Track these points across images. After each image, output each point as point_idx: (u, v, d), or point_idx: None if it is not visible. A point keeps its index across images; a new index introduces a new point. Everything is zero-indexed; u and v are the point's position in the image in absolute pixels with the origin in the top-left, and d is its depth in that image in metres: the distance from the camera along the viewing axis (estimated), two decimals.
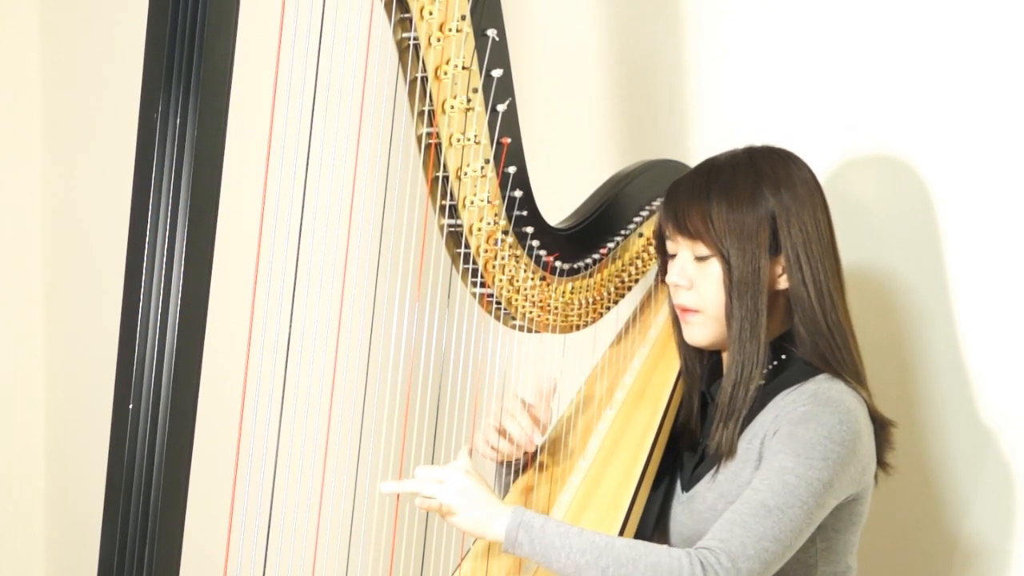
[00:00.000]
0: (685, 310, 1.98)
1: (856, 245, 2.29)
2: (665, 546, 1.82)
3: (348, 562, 2.09)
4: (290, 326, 1.81)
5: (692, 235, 1.94)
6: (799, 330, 1.94)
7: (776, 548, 1.80)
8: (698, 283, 1.95)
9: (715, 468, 1.96)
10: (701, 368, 2.06)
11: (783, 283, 1.95)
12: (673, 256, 1.99)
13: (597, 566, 1.79)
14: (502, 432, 2.07)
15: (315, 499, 1.97)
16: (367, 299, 1.99)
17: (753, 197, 1.92)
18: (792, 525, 1.81)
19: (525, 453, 2.10)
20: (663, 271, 2.03)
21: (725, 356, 2.00)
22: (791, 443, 1.85)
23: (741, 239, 1.91)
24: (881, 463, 1.97)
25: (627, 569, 1.78)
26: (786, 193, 1.92)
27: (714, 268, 1.94)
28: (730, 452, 1.94)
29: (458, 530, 1.89)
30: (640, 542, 1.82)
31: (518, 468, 2.10)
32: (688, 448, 2.06)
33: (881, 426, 1.96)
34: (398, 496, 1.90)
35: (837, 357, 1.94)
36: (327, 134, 1.81)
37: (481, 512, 1.85)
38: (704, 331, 1.97)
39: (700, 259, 1.95)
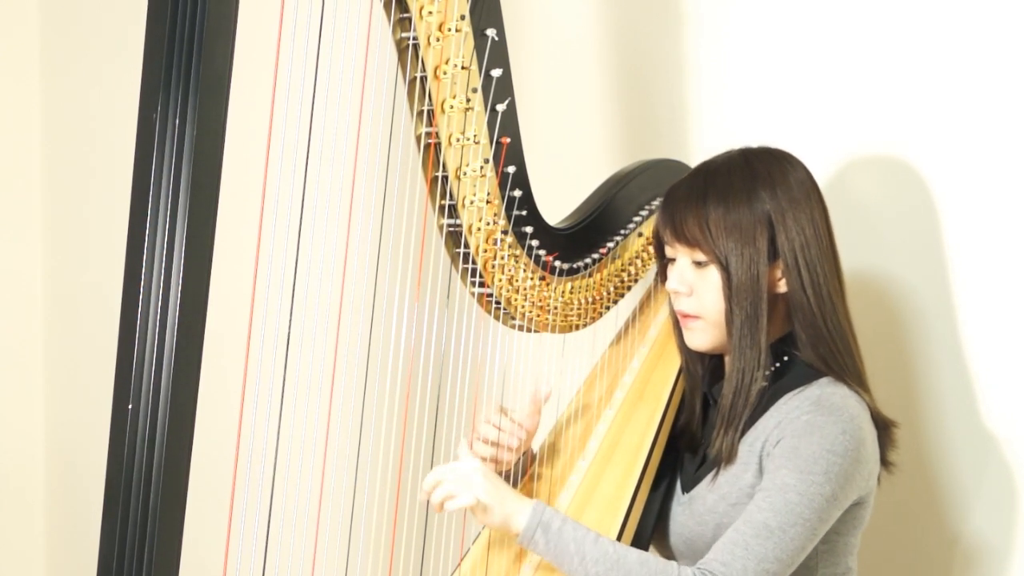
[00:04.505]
0: (685, 316, 1.98)
1: (858, 246, 2.29)
2: (675, 563, 1.83)
3: (348, 560, 2.09)
4: (290, 326, 1.81)
5: (690, 242, 1.93)
6: (799, 334, 1.94)
7: (778, 568, 1.81)
8: (698, 289, 1.95)
9: (715, 471, 1.96)
10: (702, 370, 2.06)
11: (782, 287, 1.94)
12: (672, 261, 1.98)
13: None
14: (487, 442, 2.06)
15: (315, 497, 1.97)
16: (367, 299, 1.99)
17: (749, 200, 1.91)
18: (794, 544, 1.82)
19: (523, 456, 2.10)
20: (663, 275, 2.03)
21: (727, 360, 2.00)
22: (793, 458, 1.85)
23: (739, 245, 1.90)
24: (885, 462, 1.97)
25: None
26: (782, 194, 1.92)
27: (713, 274, 1.93)
28: (730, 458, 1.94)
29: (485, 525, 1.90)
30: (653, 558, 1.84)
31: (515, 474, 2.10)
32: (688, 449, 2.06)
33: (884, 427, 1.95)
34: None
35: (838, 360, 1.93)
36: (326, 133, 1.81)
37: (507, 507, 1.86)
38: (705, 336, 1.97)
39: (699, 265, 1.94)
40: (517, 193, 2.01)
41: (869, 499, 1.94)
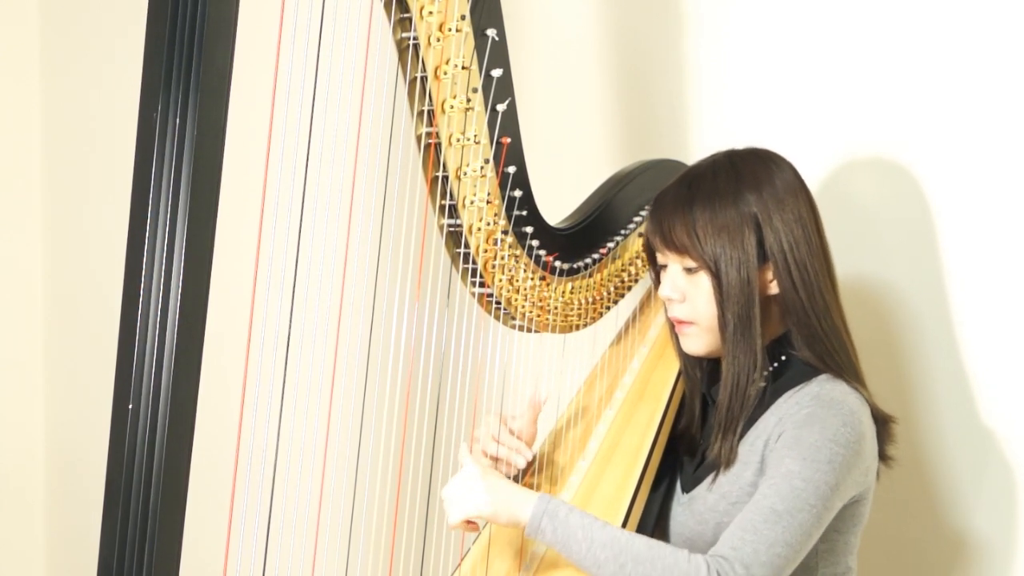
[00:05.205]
0: (680, 322, 1.98)
1: (856, 247, 2.29)
2: (685, 550, 1.82)
3: (348, 562, 2.09)
4: (290, 326, 1.81)
5: (679, 249, 1.93)
6: (795, 333, 1.94)
7: (787, 552, 1.81)
8: (690, 295, 1.95)
9: (715, 472, 1.96)
10: (701, 372, 2.06)
11: (774, 288, 1.94)
12: (664, 267, 1.98)
13: (616, 562, 1.80)
14: (486, 455, 2.06)
15: (315, 498, 1.97)
16: (367, 299, 1.99)
17: (735, 203, 1.91)
18: (802, 529, 1.82)
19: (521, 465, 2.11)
20: (656, 281, 2.03)
21: (723, 363, 2.00)
22: (796, 447, 1.85)
23: (727, 248, 1.90)
24: (883, 456, 1.97)
25: (645, 568, 1.79)
26: (768, 195, 1.92)
27: (704, 280, 1.93)
28: (728, 463, 1.94)
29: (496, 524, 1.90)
30: (661, 543, 1.83)
31: (517, 476, 2.10)
32: (688, 450, 2.06)
33: (883, 422, 1.96)
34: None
35: (835, 358, 1.94)
36: (327, 134, 1.81)
37: (511, 504, 1.86)
38: (700, 341, 1.97)
39: (689, 271, 1.94)
40: (517, 193, 2.01)
41: (868, 496, 1.94)
